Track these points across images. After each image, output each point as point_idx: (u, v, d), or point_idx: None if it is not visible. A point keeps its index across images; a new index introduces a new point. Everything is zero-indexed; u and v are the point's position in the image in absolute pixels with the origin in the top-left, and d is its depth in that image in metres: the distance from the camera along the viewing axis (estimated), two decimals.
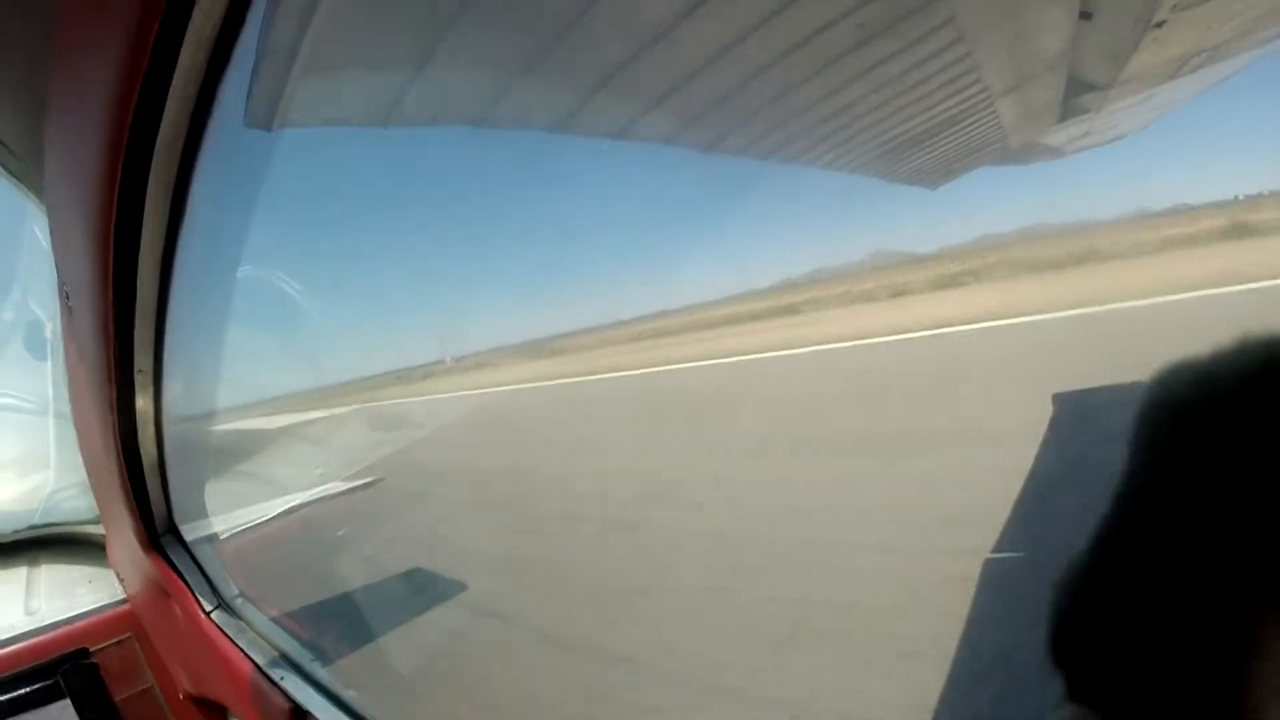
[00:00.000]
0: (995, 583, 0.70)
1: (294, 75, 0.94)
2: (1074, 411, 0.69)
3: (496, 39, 0.84)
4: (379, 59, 0.91)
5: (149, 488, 1.29)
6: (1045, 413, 0.71)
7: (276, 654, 1.21)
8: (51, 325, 2.08)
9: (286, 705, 1.12)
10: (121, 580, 1.80)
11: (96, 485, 1.54)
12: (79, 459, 1.61)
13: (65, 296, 1.19)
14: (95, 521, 1.96)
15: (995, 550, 0.72)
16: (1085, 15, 0.74)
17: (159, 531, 1.39)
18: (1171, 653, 0.24)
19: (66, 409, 1.62)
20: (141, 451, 1.22)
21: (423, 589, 1.09)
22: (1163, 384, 0.23)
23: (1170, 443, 0.22)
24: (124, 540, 1.53)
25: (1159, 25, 0.71)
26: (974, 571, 0.73)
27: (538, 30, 0.80)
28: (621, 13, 0.77)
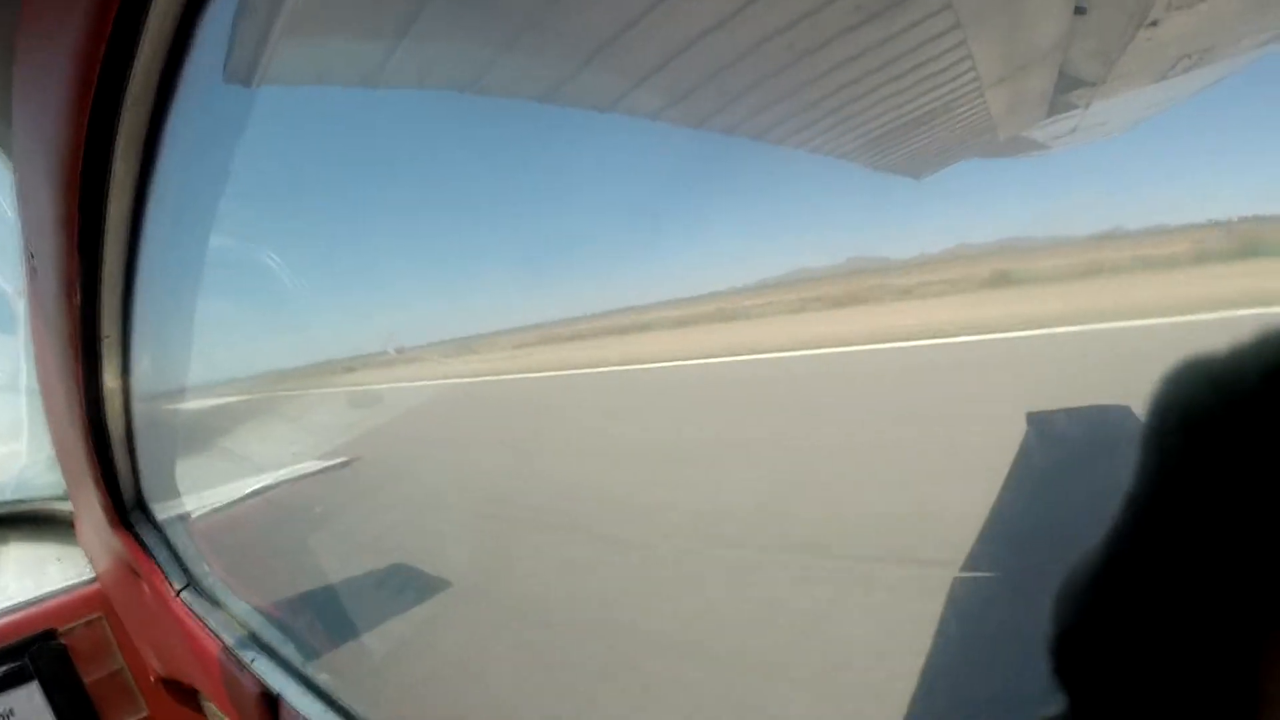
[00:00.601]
0: (972, 597, 0.69)
1: (276, 31, 0.89)
2: (1048, 431, 0.67)
3: (486, 8, 0.81)
4: (366, 19, 0.87)
5: (117, 462, 1.24)
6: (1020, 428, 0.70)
7: (247, 636, 1.17)
8: (24, 298, 2.02)
9: (257, 688, 1.09)
10: (90, 559, 1.75)
11: (63, 459, 1.49)
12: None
13: (30, 256, 1.14)
14: (64, 498, 1.90)
15: (966, 566, 0.70)
16: (1080, 10, 0.72)
17: (128, 508, 1.35)
18: (1182, 666, 0.23)
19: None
20: (109, 424, 1.17)
21: (395, 575, 1.05)
22: (1174, 384, 0.21)
23: (1181, 446, 0.21)
24: (92, 517, 1.48)
25: (1153, 24, 0.69)
26: (947, 587, 0.71)
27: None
28: None
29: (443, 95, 0.92)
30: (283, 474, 1.27)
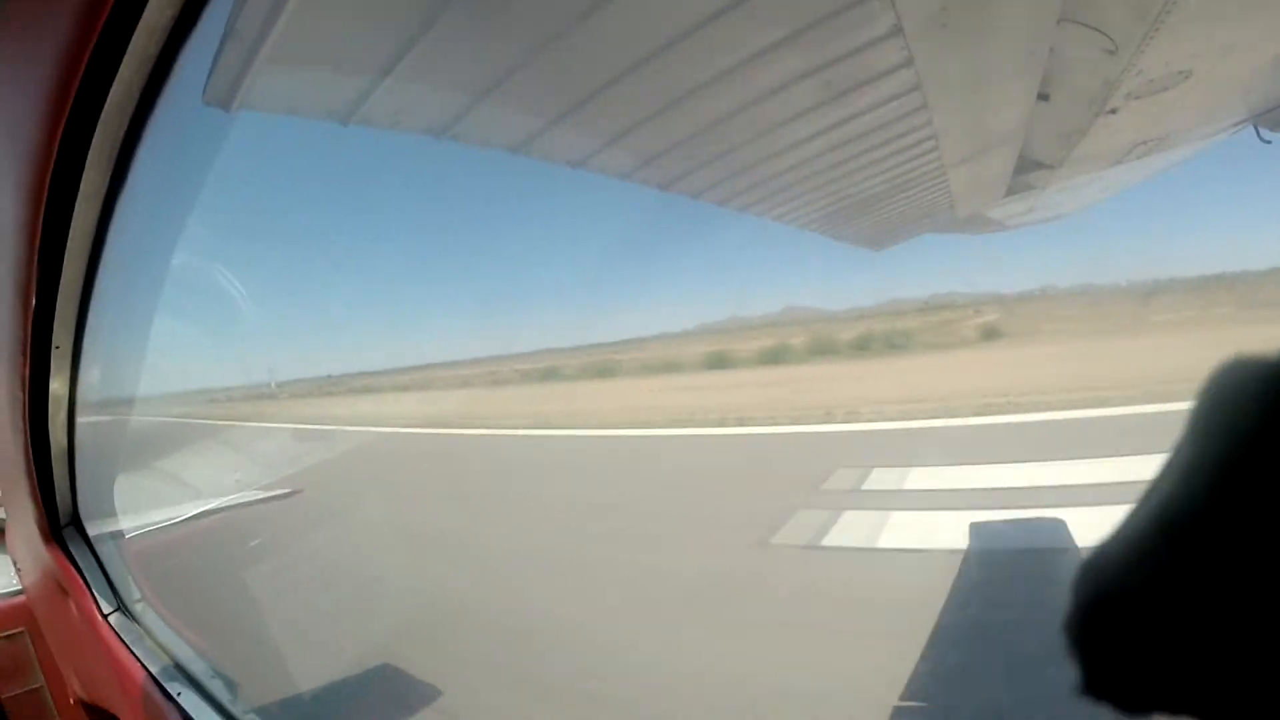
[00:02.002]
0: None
1: (260, 59, 0.90)
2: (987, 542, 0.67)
3: (470, 54, 0.82)
4: (350, 55, 0.88)
5: (55, 475, 1.19)
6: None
7: (174, 667, 1.11)
8: None
9: None
10: (18, 570, 1.67)
11: (0, 465, 1.43)
12: None
13: None
14: None
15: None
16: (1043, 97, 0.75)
17: (62, 523, 1.28)
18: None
19: None
20: (51, 435, 1.12)
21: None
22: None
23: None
24: (24, 529, 1.41)
25: (1112, 112, 0.72)
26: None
27: (510, 52, 0.78)
28: (591, 51, 0.76)
29: (410, 137, 0.93)
30: (223, 504, 1.23)
